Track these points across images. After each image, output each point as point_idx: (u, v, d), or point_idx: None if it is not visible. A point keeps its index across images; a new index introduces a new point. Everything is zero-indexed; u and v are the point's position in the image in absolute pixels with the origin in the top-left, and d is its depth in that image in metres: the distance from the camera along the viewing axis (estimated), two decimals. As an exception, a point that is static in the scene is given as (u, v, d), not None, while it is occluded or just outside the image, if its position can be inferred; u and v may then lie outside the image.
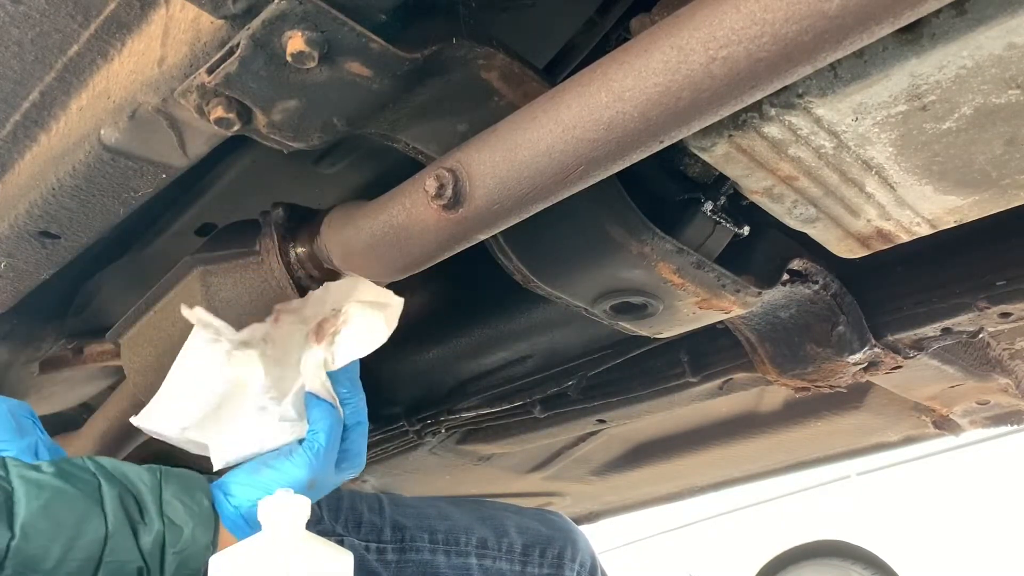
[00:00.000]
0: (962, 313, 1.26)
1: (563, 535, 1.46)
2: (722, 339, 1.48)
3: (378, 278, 1.04)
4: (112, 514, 0.86)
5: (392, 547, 1.33)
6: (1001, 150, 0.84)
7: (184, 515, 0.91)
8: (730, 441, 2.01)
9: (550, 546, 1.43)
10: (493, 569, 1.38)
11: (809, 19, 0.61)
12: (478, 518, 1.42)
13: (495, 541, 1.39)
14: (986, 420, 1.74)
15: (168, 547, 0.89)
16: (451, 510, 1.42)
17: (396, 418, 1.79)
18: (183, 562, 0.90)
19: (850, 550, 4.88)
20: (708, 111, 0.70)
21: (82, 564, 0.84)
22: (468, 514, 1.42)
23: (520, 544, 1.41)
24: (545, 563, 1.41)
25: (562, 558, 1.43)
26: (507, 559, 1.39)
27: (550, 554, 1.42)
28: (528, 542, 1.42)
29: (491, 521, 1.42)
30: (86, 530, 0.84)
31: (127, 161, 0.95)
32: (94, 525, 0.85)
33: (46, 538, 0.82)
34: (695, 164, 1.05)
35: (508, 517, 1.45)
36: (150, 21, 0.87)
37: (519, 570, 1.40)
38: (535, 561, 1.41)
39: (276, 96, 0.81)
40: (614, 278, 1.10)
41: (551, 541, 1.43)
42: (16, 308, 1.23)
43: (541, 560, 1.41)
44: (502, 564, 1.39)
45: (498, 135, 0.83)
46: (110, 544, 0.85)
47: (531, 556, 1.41)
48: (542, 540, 1.43)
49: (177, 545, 0.89)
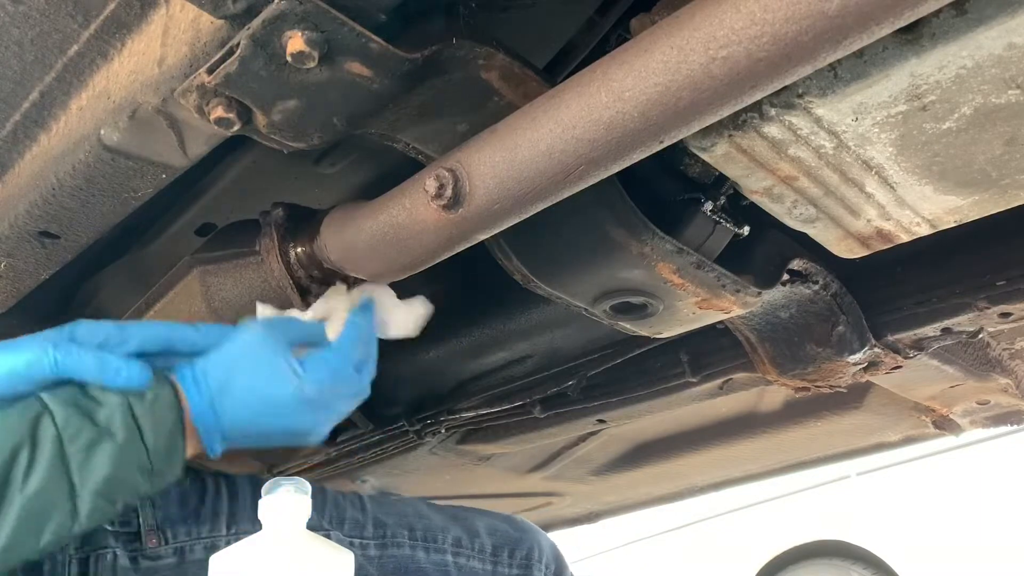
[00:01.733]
0: (962, 313, 1.26)
1: (530, 537, 1.50)
2: (722, 339, 1.48)
3: (378, 278, 1.04)
4: (59, 414, 0.84)
5: (374, 543, 1.35)
6: (1001, 150, 0.84)
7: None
8: (730, 441, 2.01)
9: (518, 547, 1.47)
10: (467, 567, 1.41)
11: (809, 19, 0.61)
12: (451, 517, 1.46)
13: (468, 540, 1.43)
14: (986, 420, 1.74)
15: (135, 410, 0.87)
16: (426, 509, 1.46)
17: (396, 418, 1.79)
18: (157, 422, 0.88)
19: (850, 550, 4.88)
20: (708, 111, 0.70)
21: (49, 466, 0.82)
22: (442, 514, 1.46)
23: (490, 545, 1.45)
24: (514, 564, 1.46)
25: (530, 559, 1.47)
26: (479, 558, 1.43)
27: (518, 555, 1.46)
28: (497, 543, 1.46)
29: (463, 522, 1.46)
30: (40, 434, 0.83)
31: (127, 161, 0.95)
32: (46, 427, 0.84)
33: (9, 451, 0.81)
34: (695, 164, 1.05)
35: (478, 518, 1.49)
36: (150, 21, 0.87)
37: (490, 570, 1.44)
38: (504, 561, 1.45)
39: (276, 96, 0.81)
40: (614, 278, 1.10)
41: (519, 543, 1.48)
42: (16, 308, 1.23)
43: (510, 561, 1.46)
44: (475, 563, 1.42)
45: (498, 135, 0.83)
46: (66, 435, 0.84)
47: (500, 556, 1.45)
48: (511, 541, 1.47)
49: (142, 406, 0.87)
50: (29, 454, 0.82)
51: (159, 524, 1.18)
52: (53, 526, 0.83)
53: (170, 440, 0.89)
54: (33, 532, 0.83)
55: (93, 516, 0.86)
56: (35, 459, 0.83)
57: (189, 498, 1.23)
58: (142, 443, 0.87)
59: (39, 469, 0.83)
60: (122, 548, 1.13)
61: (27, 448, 0.83)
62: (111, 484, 0.86)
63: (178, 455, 0.90)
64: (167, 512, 1.20)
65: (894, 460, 4.74)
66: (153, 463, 0.88)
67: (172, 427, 0.89)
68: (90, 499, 0.84)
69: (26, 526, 0.82)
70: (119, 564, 1.12)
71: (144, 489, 0.89)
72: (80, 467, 0.84)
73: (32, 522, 0.82)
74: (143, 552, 1.15)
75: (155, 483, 0.90)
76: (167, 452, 0.89)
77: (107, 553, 1.12)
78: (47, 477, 0.83)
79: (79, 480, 0.84)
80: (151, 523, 1.17)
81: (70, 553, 1.09)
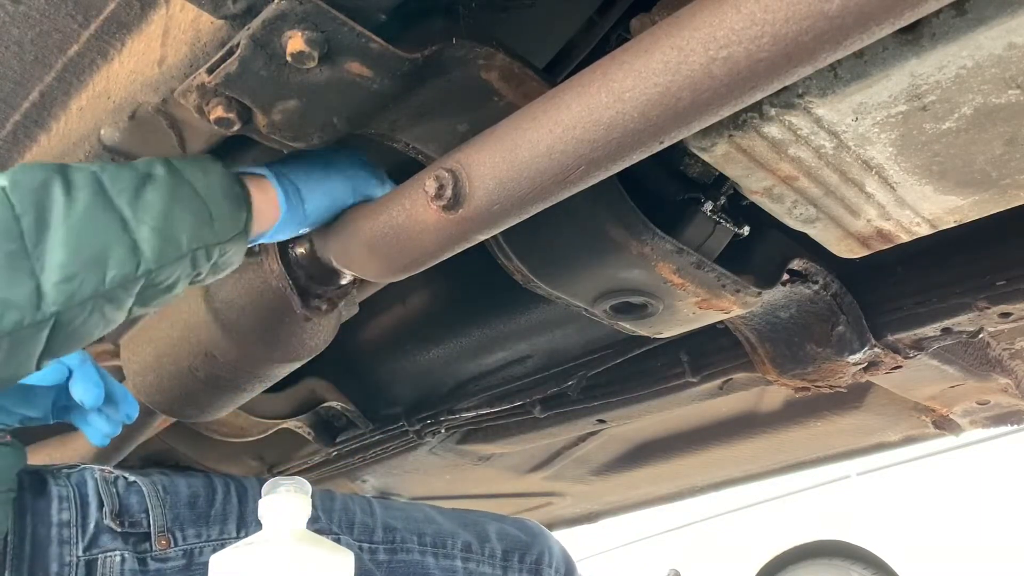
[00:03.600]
0: (962, 313, 1.26)
1: (541, 541, 1.50)
2: (722, 339, 1.48)
3: (378, 278, 1.04)
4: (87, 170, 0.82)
5: (384, 547, 1.35)
6: (1001, 150, 0.84)
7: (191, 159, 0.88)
8: (730, 441, 2.01)
9: (528, 552, 1.47)
10: (477, 572, 1.41)
11: (809, 19, 0.61)
12: (461, 523, 1.45)
13: (478, 546, 1.43)
14: (986, 420, 1.74)
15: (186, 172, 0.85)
16: (436, 515, 1.46)
17: (396, 418, 1.79)
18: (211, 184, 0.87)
19: (850, 550, 4.88)
20: (708, 111, 0.70)
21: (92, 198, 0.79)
22: (452, 519, 1.46)
23: (500, 549, 1.45)
24: (524, 568, 1.46)
25: (540, 563, 1.47)
26: (489, 563, 1.43)
27: (529, 559, 1.47)
28: (508, 547, 1.46)
29: (473, 527, 1.46)
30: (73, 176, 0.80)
31: (127, 161, 0.95)
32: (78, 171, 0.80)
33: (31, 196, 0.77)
34: (695, 164, 1.05)
35: (489, 523, 1.49)
36: (150, 21, 0.87)
37: (500, 574, 1.43)
38: (515, 566, 1.45)
39: (276, 96, 0.81)
40: (614, 278, 1.10)
41: (529, 547, 1.48)
42: (16, 308, 1.23)
43: (520, 565, 1.46)
44: (485, 568, 1.42)
45: (498, 135, 0.83)
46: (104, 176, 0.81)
47: (511, 561, 1.45)
48: (521, 546, 1.47)
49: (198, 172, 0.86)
50: (63, 187, 0.78)
51: (169, 525, 1.18)
52: (114, 261, 0.79)
53: (224, 186, 0.87)
54: (92, 264, 0.78)
55: (161, 256, 0.82)
56: (73, 192, 0.78)
57: (198, 499, 1.23)
58: (190, 187, 0.85)
59: (80, 199, 0.78)
60: (131, 550, 1.13)
61: (59, 182, 0.78)
62: (170, 221, 0.82)
63: (241, 203, 0.89)
64: (177, 513, 1.20)
65: (894, 460, 4.73)
66: (211, 208, 0.85)
67: (222, 178, 0.87)
68: (150, 235, 0.81)
69: (82, 256, 0.77)
70: (127, 566, 1.12)
71: (209, 237, 0.86)
72: (130, 202, 0.81)
73: (86, 251, 0.78)
74: (152, 554, 1.15)
75: (219, 230, 0.87)
76: (225, 198, 0.87)
77: (115, 555, 1.12)
78: (91, 205, 0.79)
79: (131, 214, 0.81)
80: (161, 524, 1.17)
81: (77, 555, 1.09)
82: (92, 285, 0.78)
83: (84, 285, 0.78)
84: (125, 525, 1.14)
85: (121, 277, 0.80)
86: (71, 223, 0.77)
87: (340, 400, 1.72)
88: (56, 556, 1.07)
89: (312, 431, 1.77)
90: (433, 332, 1.64)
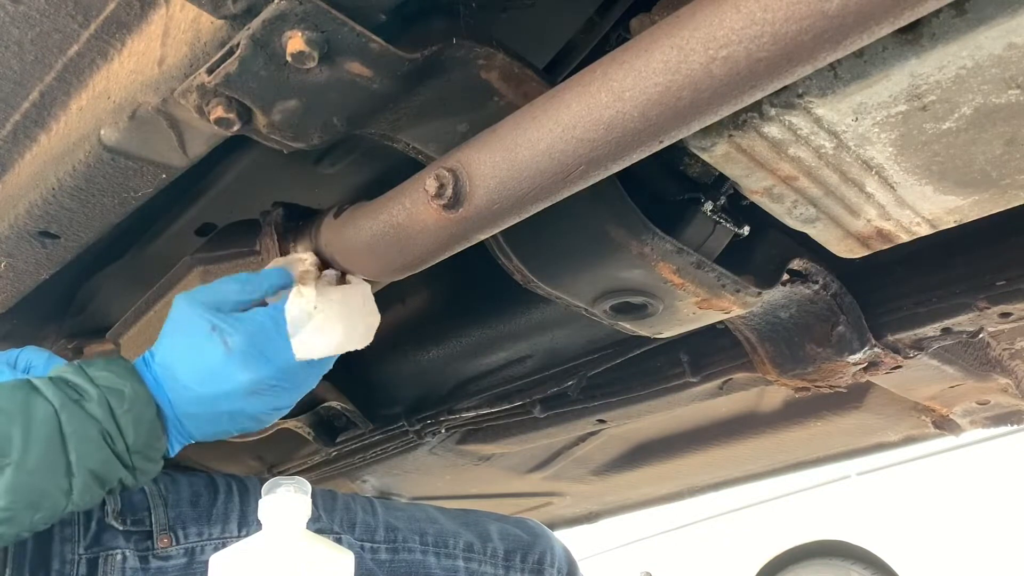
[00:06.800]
0: (962, 313, 1.26)
1: (542, 541, 1.50)
2: (722, 339, 1.48)
3: (378, 277, 1.04)
4: (51, 395, 0.87)
5: (385, 547, 1.35)
6: (1001, 150, 0.84)
7: (116, 379, 0.91)
8: (730, 441, 2.01)
9: (531, 551, 1.47)
10: (479, 572, 1.41)
11: (809, 19, 0.61)
12: (463, 523, 1.45)
13: (480, 546, 1.43)
14: (986, 420, 1.74)
15: (116, 409, 0.89)
16: (438, 515, 1.46)
17: (396, 418, 1.79)
18: (137, 420, 0.90)
19: (850, 550, 4.88)
20: (708, 111, 0.70)
21: (47, 442, 0.84)
22: (454, 519, 1.46)
23: (503, 549, 1.45)
24: (526, 568, 1.46)
25: (542, 563, 1.47)
26: (491, 563, 1.43)
27: (531, 559, 1.46)
28: (510, 547, 1.46)
29: (475, 527, 1.46)
30: (35, 412, 0.85)
31: (127, 161, 0.95)
32: (40, 405, 0.86)
33: (2, 425, 0.83)
34: (695, 164, 1.05)
35: (490, 523, 1.49)
36: (150, 21, 0.87)
37: (502, 574, 1.43)
38: (516, 566, 1.45)
39: (276, 96, 0.81)
40: (614, 278, 1.10)
41: (531, 547, 1.48)
42: (16, 308, 1.23)
43: (522, 565, 1.46)
44: (487, 568, 1.42)
45: (498, 135, 0.83)
46: (63, 416, 0.86)
47: (512, 561, 1.45)
48: (523, 545, 1.47)
49: (123, 405, 0.89)
50: (23, 430, 0.84)
51: (171, 524, 1.18)
52: (49, 503, 0.85)
53: (150, 435, 0.91)
54: (29, 507, 0.84)
55: (84, 497, 0.87)
56: (30, 434, 0.84)
57: (200, 498, 1.23)
58: (122, 439, 0.89)
59: (36, 443, 0.84)
60: (132, 548, 1.13)
61: (19, 424, 0.84)
62: (106, 467, 0.87)
63: (157, 452, 0.92)
64: (179, 512, 1.20)
65: (894, 460, 4.74)
66: (133, 459, 0.90)
67: (150, 424, 0.91)
68: (83, 478, 0.86)
69: (23, 500, 0.83)
70: (128, 564, 1.12)
71: (128, 481, 0.91)
72: (76, 446, 0.86)
73: (28, 496, 0.83)
74: (154, 552, 1.15)
75: (138, 478, 0.91)
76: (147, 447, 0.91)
77: (116, 553, 1.12)
78: (46, 451, 0.84)
79: (75, 459, 0.86)
80: (163, 523, 1.17)
81: (79, 553, 1.09)
82: (18, 528, 0.85)
83: (12, 529, 0.85)
84: (127, 523, 1.14)
85: (47, 520, 0.87)
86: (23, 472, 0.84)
87: (340, 400, 1.72)
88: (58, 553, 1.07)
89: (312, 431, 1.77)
90: (433, 332, 1.64)
